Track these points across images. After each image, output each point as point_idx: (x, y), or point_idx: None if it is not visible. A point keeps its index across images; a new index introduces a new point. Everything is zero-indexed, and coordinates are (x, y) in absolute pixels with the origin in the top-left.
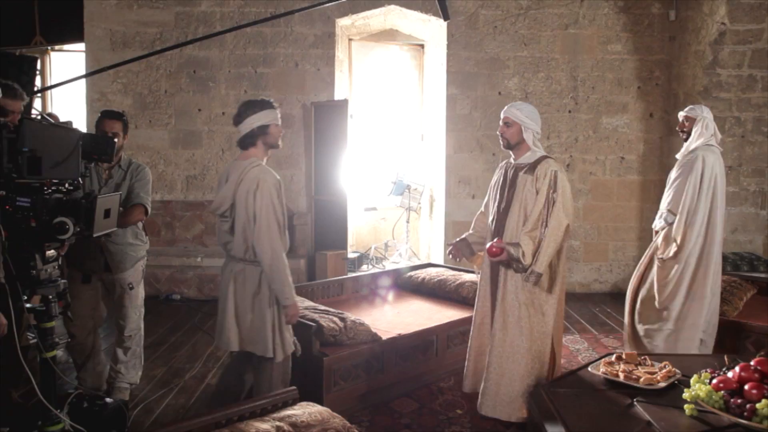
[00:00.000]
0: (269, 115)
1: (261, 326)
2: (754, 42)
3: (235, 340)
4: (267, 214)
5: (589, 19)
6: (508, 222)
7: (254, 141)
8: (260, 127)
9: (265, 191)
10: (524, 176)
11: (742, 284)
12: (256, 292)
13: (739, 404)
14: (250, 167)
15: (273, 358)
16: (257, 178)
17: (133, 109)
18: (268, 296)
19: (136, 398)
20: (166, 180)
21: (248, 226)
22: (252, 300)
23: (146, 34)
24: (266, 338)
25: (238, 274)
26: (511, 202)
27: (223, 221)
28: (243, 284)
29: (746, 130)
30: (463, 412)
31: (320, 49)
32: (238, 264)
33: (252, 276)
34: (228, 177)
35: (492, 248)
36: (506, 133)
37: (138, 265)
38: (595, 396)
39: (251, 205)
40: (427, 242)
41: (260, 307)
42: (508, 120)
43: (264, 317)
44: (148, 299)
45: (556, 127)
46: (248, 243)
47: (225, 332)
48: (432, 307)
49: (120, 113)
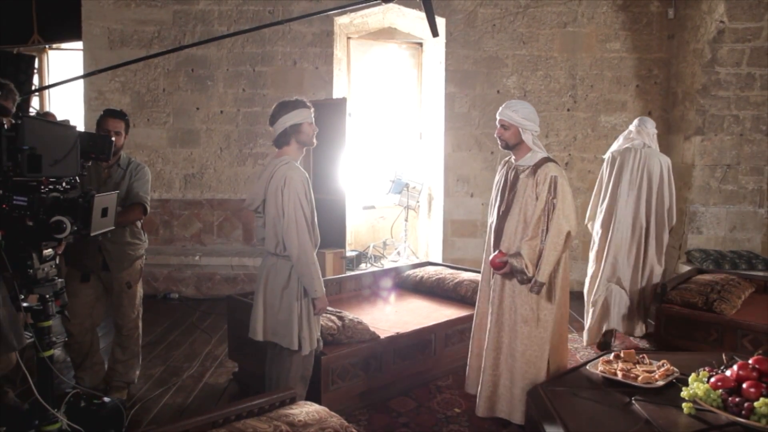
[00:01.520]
0: (302, 114)
1: (288, 319)
2: (753, 40)
3: (260, 330)
4: (295, 209)
5: (587, 17)
6: (506, 226)
7: (288, 140)
8: (293, 125)
9: (292, 188)
10: (525, 179)
11: (740, 282)
12: (285, 286)
13: (737, 403)
14: (280, 165)
15: (299, 351)
16: (285, 175)
17: (131, 107)
18: (297, 290)
19: (133, 397)
20: (164, 179)
21: (278, 221)
22: (281, 293)
23: (144, 32)
24: (292, 331)
25: (270, 268)
26: (511, 205)
27: (258, 217)
28: (274, 278)
29: (745, 128)
30: (461, 411)
31: (318, 48)
32: (271, 258)
33: (283, 270)
34: (261, 174)
35: (495, 261)
36: (504, 135)
37: (136, 264)
38: (593, 395)
39: (279, 201)
40: (426, 241)
41: (288, 300)
42: (504, 122)
43: (291, 310)
44: (146, 298)
45: (555, 125)
46: (279, 238)
47: (253, 322)
48: (430, 305)
49: (123, 112)
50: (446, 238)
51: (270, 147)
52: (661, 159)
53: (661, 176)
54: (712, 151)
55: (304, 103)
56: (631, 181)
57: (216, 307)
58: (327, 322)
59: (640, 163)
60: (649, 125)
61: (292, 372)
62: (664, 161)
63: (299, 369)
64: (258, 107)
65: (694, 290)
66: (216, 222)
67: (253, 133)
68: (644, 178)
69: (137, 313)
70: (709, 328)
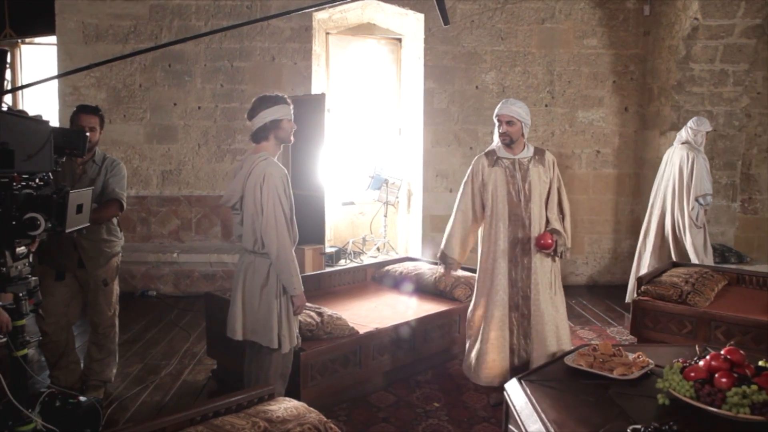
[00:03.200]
0: (282, 110)
1: (267, 317)
2: (726, 37)
3: (239, 329)
4: (274, 206)
5: (565, 14)
6: (532, 212)
7: (266, 135)
8: (273, 121)
9: (272, 184)
10: (535, 168)
11: (713, 275)
12: (263, 284)
13: (710, 393)
14: (258, 161)
15: (278, 349)
16: (264, 171)
17: (107, 103)
18: (276, 288)
19: (110, 396)
20: (141, 175)
21: (256, 218)
22: (260, 291)
23: (120, 27)
24: (272, 329)
25: (248, 266)
26: (530, 194)
27: (235, 214)
28: (252, 276)
29: (718, 124)
30: (440, 405)
31: (297, 43)
32: (248, 256)
33: (261, 267)
34: (239, 170)
35: (548, 242)
36: (510, 131)
37: (113, 262)
38: (570, 386)
39: (258, 197)
40: (405, 236)
41: (268, 298)
42: (512, 119)
43: (271, 308)
44: (123, 296)
45: (533, 121)
46: (257, 235)
47: (231, 321)
48: (409, 300)
49: (97, 108)
50: (425, 233)
51: (249, 143)
52: (685, 153)
53: (680, 169)
54: None
55: (285, 99)
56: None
57: (194, 305)
58: (306, 318)
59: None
60: (692, 122)
61: (271, 370)
62: (686, 154)
63: (278, 367)
64: (236, 103)
65: (669, 283)
66: (194, 219)
67: (231, 129)
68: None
69: (114, 310)
70: (683, 321)
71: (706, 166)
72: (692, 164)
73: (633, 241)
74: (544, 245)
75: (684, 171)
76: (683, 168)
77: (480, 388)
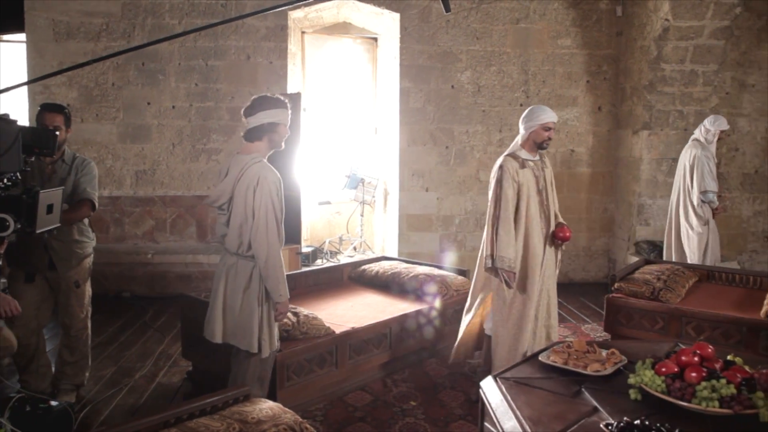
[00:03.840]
0: (282, 114)
1: (248, 321)
2: (696, 38)
3: (219, 332)
4: (266, 211)
5: (539, 14)
6: (551, 209)
7: (261, 136)
8: (271, 123)
9: (266, 188)
10: (546, 168)
11: (684, 272)
12: (246, 287)
13: (680, 387)
14: (252, 163)
15: (258, 354)
16: (258, 174)
17: (78, 102)
18: (258, 291)
19: (83, 400)
20: (114, 175)
21: (245, 221)
22: (242, 294)
23: (91, 24)
24: (252, 333)
25: (230, 268)
26: (548, 191)
27: (221, 214)
28: (234, 278)
29: (689, 123)
30: (417, 403)
31: (272, 42)
32: (231, 258)
33: (244, 270)
34: (228, 170)
35: (567, 234)
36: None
37: (84, 263)
38: (545, 384)
39: (250, 201)
40: (382, 235)
41: (249, 302)
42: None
43: (252, 312)
44: (97, 297)
45: (508, 120)
46: (243, 238)
47: (210, 323)
48: (385, 300)
49: (61, 106)
50: (402, 232)
51: (224, 142)
52: (692, 151)
53: (684, 167)
54: (659, 145)
55: (286, 103)
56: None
57: (170, 306)
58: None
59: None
60: (707, 121)
61: (248, 374)
62: (692, 152)
63: (256, 371)
64: (211, 102)
65: (642, 280)
66: (169, 219)
67: (206, 129)
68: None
69: (86, 312)
70: (655, 317)
71: (709, 164)
72: (694, 161)
73: (607, 239)
74: (564, 237)
75: (687, 169)
76: (687, 166)
77: (456, 387)
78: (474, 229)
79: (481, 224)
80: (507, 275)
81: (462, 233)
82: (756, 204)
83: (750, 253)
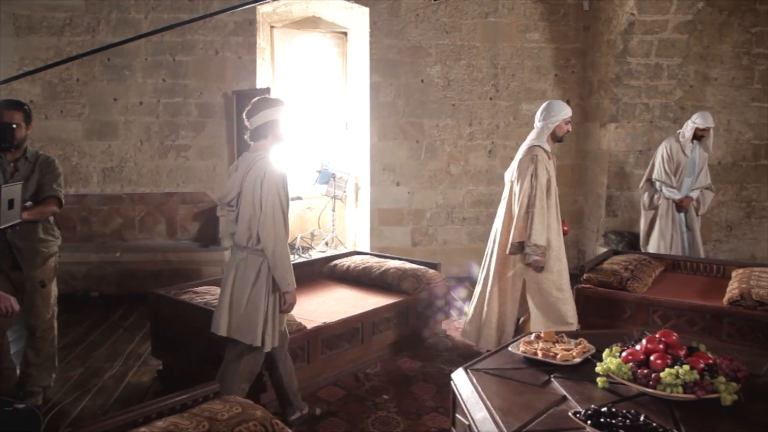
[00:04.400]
0: (281, 112)
1: (253, 315)
2: (660, 32)
3: (224, 325)
4: (273, 203)
5: (508, 8)
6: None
7: (265, 133)
8: (273, 121)
9: (272, 181)
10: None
11: (650, 262)
12: (254, 281)
13: (645, 374)
14: (258, 159)
15: (260, 348)
16: (264, 168)
17: (42, 98)
18: (266, 286)
19: (50, 402)
20: (80, 173)
21: (254, 214)
22: (250, 288)
23: (54, 18)
24: (257, 327)
25: (240, 263)
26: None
27: (230, 211)
28: (243, 272)
29: (654, 116)
30: (389, 397)
31: (241, 37)
32: (241, 252)
33: (253, 264)
34: (237, 168)
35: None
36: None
37: (50, 262)
38: (515, 374)
39: (258, 193)
40: (354, 230)
41: (256, 295)
42: None
43: (258, 306)
44: (64, 297)
45: (478, 114)
46: (252, 231)
47: (218, 318)
48: (357, 294)
49: (20, 102)
50: (373, 227)
51: (193, 138)
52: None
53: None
54: (626, 137)
55: (283, 102)
56: None
57: (139, 305)
58: None
59: None
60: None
61: (241, 367)
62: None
63: (249, 365)
64: (179, 98)
65: (610, 270)
66: (138, 217)
67: (174, 125)
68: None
69: (52, 312)
70: (623, 306)
71: (666, 154)
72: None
73: (576, 231)
74: (564, 232)
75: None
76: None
77: (429, 380)
78: (445, 223)
79: (452, 218)
80: (538, 263)
81: (433, 227)
82: (719, 195)
83: (714, 242)
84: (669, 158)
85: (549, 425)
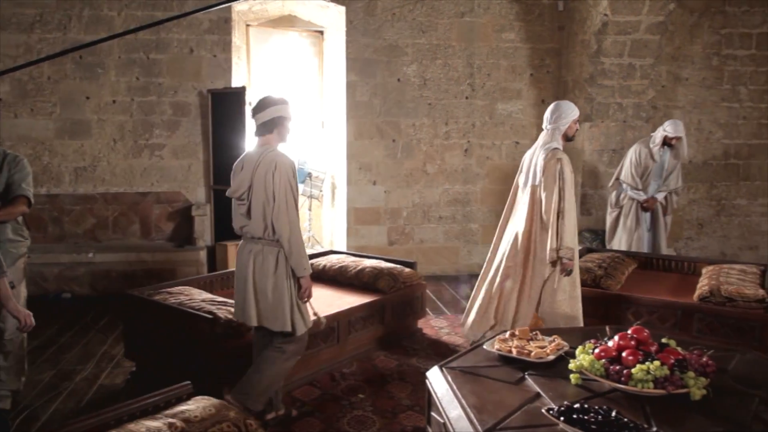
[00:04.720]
0: (287, 110)
1: (280, 302)
2: (633, 33)
3: (254, 315)
4: (285, 192)
5: (483, 8)
6: None
7: (272, 129)
8: (279, 117)
9: (283, 171)
10: None
11: (624, 259)
12: (274, 270)
13: (617, 370)
14: (267, 152)
15: (294, 333)
16: (274, 160)
17: (11, 96)
18: (286, 273)
19: (19, 405)
20: (52, 172)
21: (267, 205)
22: (272, 277)
23: (24, 15)
24: (285, 313)
25: (257, 254)
26: None
27: (240, 205)
28: (262, 263)
29: (627, 115)
30: (365, 396)
31: (216, 35)
32: (256, 244)
33: (270, 255)
34: (244, 163)
35: None
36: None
37: (19, 263)
38: (490, 372)
39: (270, 184)
40: (330, 229)
41: (279, 284)
42: None
43: (282, 294)
44: (35, 299)
45: (454, 113)
46: (266, 222)
47: (246, 309)
48: (333, 293)
49: None
50: (350, 226)
51: (167, 137)
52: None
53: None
54: (600, 137)
55: (288, 101)
56: None
57: (113, 306)
58: (227, 315)
59: None
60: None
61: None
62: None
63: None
64: (153, 96)
65: (583, 268)
66: (111, 217)
67: (148, 124)
68: None
69: None
70: (597, 304)
71: (635, 157)
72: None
73: None
74: None
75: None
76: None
77: (405, 378)
78: (421, 222)
79: (428, 216)
80: (568, 266)
81: (410, 226)
82: (690, 193)
83: (685, 240)
84: (637, 163)
85: (523, 422)
